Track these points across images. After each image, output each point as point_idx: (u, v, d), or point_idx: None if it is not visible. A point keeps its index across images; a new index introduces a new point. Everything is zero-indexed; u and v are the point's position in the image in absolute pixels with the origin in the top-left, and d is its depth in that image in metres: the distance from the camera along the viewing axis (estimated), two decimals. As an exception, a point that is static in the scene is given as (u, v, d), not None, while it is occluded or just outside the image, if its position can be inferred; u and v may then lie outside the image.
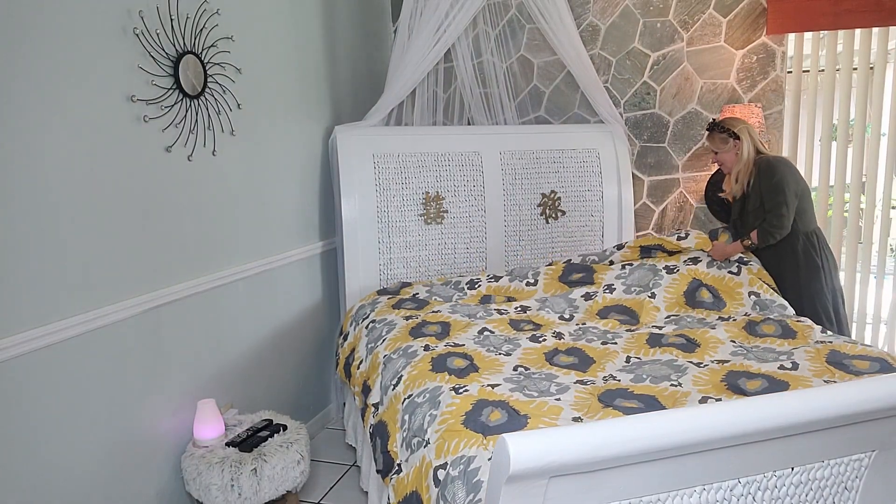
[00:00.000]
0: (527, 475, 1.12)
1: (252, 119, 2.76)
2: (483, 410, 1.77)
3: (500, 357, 2.24)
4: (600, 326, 2.56)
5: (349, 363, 2.75)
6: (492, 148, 3.53)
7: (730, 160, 2.89)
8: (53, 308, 1.87)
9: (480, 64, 3.86)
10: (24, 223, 1.78)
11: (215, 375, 2.57)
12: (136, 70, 2.14)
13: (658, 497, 1.29)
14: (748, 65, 3.60)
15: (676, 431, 1.18)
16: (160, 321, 2.27)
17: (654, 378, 2.01)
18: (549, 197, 3.58)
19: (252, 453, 2.29)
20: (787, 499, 1.38)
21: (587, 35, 3.78)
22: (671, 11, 3.66)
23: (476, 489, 1.47)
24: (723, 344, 2.26)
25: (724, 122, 2.92)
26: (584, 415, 1.75)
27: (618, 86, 3.81)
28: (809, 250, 2.78)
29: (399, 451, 1.93)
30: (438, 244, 3.44)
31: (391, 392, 2.17)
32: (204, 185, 2.49)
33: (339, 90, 3.55)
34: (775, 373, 1.97)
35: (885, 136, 3.65)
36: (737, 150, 2.85)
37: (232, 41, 2.59)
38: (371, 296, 3.16)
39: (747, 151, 2.83)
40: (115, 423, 2.09)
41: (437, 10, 3.40)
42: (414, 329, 2.54)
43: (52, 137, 1.86)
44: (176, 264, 2.35)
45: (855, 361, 1.99)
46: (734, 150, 2.86)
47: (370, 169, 3.33)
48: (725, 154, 2.89)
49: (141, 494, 2.21)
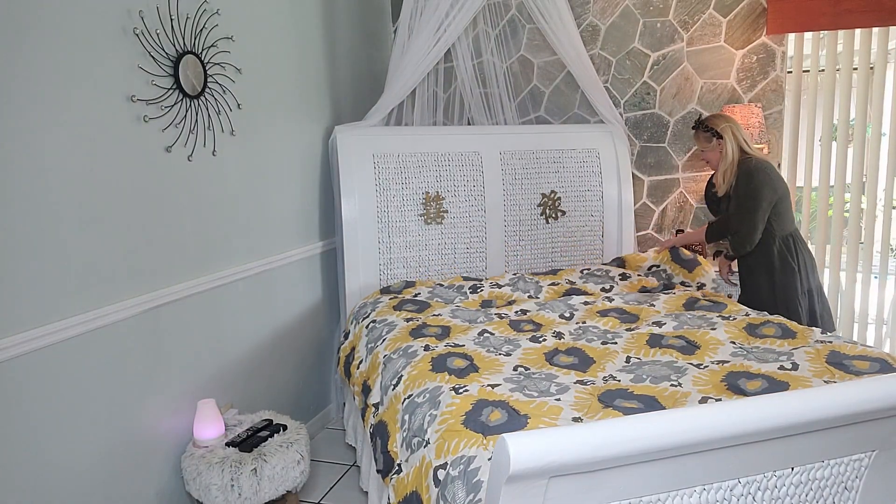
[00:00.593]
0: (527, 475, 1.12)
1: (252, 119, 2.76)
2: (483, 410, 1.77)
3: (500, 357, 2.24)
4: (600, 326, 2.55)
5: (349, 362, 2.75)
6: (492, 148, 3.53)
7: (715, 158, 2.86)
8: (53, 308, 1.87)
9: (480, 64, 3.86)
10: (24, 223, 1.78)
11: (215, 375, 2.57)
12: (136, 70, 2.14)
13: (658, 497, 1.29)
14: (748, 65, 3.60)
15: (676, 431, 1.18)
16: (160, 321, 2.27)
17: (655, 378, 2.01)
18: (549, 197, 3.58)
19: (252, 453, 2.29)
20: (787, 499, 1.38)
21: (587, 35, 3.79)
22: (671, 11, 3.66)
23: (476, 489, 1.47)
24: (723, 345, 2.26)
25: (708, 120, 2.88)
26: (584, 415, 1.75)
27: (618, 86, 3.81)
28: (785, 253, 2.76)
29: (399, 450, 1.93)
30: (438, 244, 3.44)
31: (391, 392, 2.17)
32: (204, 185, 2.49)
33: (339, 90, 3.55)
34: (775, 373, 1.97)
35: (885, 136, 3.66)
36: (721, 149, 2.82)
37: (232, 41, 2.59)
38: (374, 294, 3.16)
39: (731, 150, 2.79)
40: (115, 423, 2.09)
41: (437, 10, 3.41)
42: (414, 330, 2.54)
43: (52, 137, 1.86)
44: (176, 264, 2.35)
45: (855, 362, 1.99)
46: (718, 149, 2.83)
47: (370, 169, 3.33)
48: (710, 153, 2.87)
49: (141, 494, 2.21)
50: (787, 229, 2.80)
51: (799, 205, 4.02)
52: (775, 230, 2.77)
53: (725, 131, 2.80)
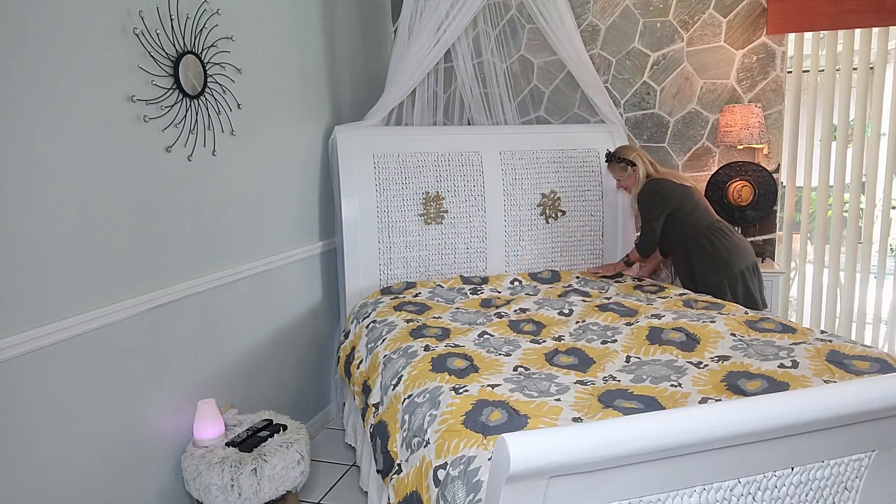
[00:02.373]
0: (527, 475, 1.12)
1: (252, 119, 2.76)
2: (483, 410, 1.77)
3: (500, 357, 2.24)
4: (600, 321, 2.56)
5: (349, 362, 2.76)
6: (492, 148, 3.53)
7: (630, 184, 3.22)
8: (53, 308, 1.87)
9: (480, 64, 3.86)
10: (23, 223, 1.78)
11: (215, 375, 2.57)
12: (136, 70, 2.14)
13: (658, 497, 1.29)
14: (748, 65, 3.60)
15: (676, 431, 1.18)
16: (160, 321, 2.27)
17: (655, 378, 2.01)
18: (549, 197, 3.58)
19: (252, 453, 2.29)
20: (787, 499, 1.38)
21: (587, 35, 3.79)
22: (671, 11, 3.66)
23: (476, 489, 1.47)
24: (723, 338, 2.26)
25: (618, 151, 3.23)
26: (584, 415, 1.75)
27: (618, 86, 3.81)
28: (714, 243, 3.04)
29: (399, 451, 1.94)
30: (438, 244, 3.44)
31: (391, 392, 2.17)
32: (204, 185, 2.49)
33: (339, 90, 3.55)
34: (775, 372, 1.97)
35: (885, 136, 3.66)
36: (636, 174, 3.18)
37: (232, 41, 2.59)
38: (374, 294, 3.16)
39: (643, 175, 3.16)
40: (115, 423, 2.10)
41: (437, 10, 3.41)
42: (414, 330, 2.54)
43: (52, 137, 1.86)
44: (176, 264, 2.35)
45: (855, 361, 1.99)
46: (633, 176, 3.19)
47: (370, 169, 3.33)
48: (626, 180, 3.23)
49: (141, 494, 2.21)
50: (705, 222, 3.08)
51: (798, 205, 4.03)
52: (695, 226, 3.07)
53: (637, 159, 3.17)
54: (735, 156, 3.69)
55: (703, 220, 3.08)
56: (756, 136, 3.40)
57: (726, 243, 3.04)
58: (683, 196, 3.10)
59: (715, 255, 3.02)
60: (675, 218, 3.09)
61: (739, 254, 3.04)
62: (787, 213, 3.89)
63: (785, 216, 3.88)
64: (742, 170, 3.55)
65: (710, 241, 3.03)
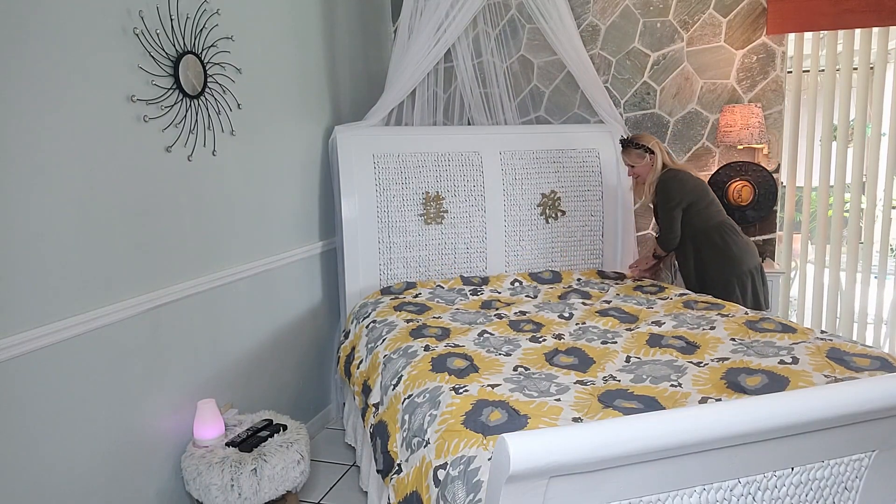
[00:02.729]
0: (527, 475, 1.12)
1: (252, 119, 2.76)
2: (483, 410, 1.77)
3: (500, 357, 2.24)
4: (600, 325, 2.56)
5: (349, 362, 2.76)
6: (492, 148, 3.53)
7: (645, 172, 3.16)
8: (53, 308, 1.87)
9: (480, 64, 3.86)
10: (23, 223, 1.78)
11: (215, 375, 2.57)
12: (136, 70, 2.14)
13: (658, 497, 1.29)
14: (748, 65, 3.60)
15: (676, 431, 1.18)
16: (160, 321, 2.27)
17: (654, 378, 2.00)
18: (549, 197, 3.58)
19: (252, 453, 2.29)
20: (787, 499, 1.38)
21: (587, 35, 3.79)
22: (671, 11, 3.66)
23: (476, 489, 1.46)
24: (722, 343, 2.26)
25: (637, 138, 3.16)
26: (584, 415, 1.75)
27: (618, 86, 3.81)
28: (726, 239, 3.02)
29: (399, 451, 1.93)
30: (438, 244, 3.44)
31: (391, 392, 2.17)
32: (204, 185, 2.49)
33: (339, 90, 3.55)
34: (775, 367, 1.97)
35: (885, 136, 3.66)
36: (652, 163, 3.12)
37: (232, 41, 2.59)
38: (374, 294, 3.16)
39: (660, 164, 3.12)
40: (115, 423, 2.09)
41: (437, 10, 3.41)
42: (414, 330, 2.54)
43: (52, 137, 1.86)
44: (175, 264, 2.35)
45: (856, 359, 1.99)
46: (650, 164, 3.13)
47: (370, 169, 3.33)
48: (642, 167, 3.17)
49: (141, 494, 2.21)
50: (716, 219, 3.05)
51: (799, 204, 4.03)
52: (708, 223, 3.04)
53: (655, 147, 3.12)
54: (735, 156, 3.69)
55: (717, 216, 3.07)
56: (756, 136, 3.40)
57: (738, 241, 3.03)
58: (701, 189, 3.07)
59: (727, 251, 3.00)
60: (691, 212, 3.05)
61: (750, 252, 3.04)
62: (787, 213, 3.89)
63: (785, 216, 3.88)
64: (742, 170, 3.55)
65: (723, 237, 3.02)
